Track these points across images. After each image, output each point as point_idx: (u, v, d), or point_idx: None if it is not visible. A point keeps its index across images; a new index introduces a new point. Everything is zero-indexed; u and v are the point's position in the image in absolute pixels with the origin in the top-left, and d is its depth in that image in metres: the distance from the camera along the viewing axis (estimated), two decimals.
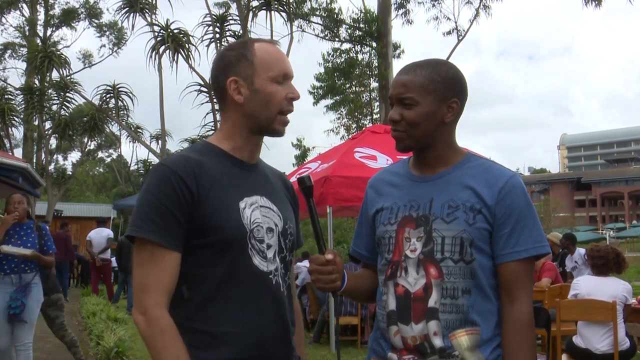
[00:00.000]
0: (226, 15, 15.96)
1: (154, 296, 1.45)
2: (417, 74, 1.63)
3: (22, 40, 27.72)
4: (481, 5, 17.80)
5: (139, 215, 1.48)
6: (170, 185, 1.48)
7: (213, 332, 1.48)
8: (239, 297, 1.51)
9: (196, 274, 1.50)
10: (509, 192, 1.59)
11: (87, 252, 13.87)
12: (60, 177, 22.87)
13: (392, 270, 1.64)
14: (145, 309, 1.44)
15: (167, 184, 1.48)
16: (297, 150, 22.37)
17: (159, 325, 1.43)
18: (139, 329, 1.46)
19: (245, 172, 1.63)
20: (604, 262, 4.85)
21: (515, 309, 1.58)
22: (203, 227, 1.49)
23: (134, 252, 1.51)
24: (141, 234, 1.47)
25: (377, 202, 1.75)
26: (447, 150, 1.68)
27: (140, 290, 1.46)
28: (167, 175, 1.49)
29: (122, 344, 5.96)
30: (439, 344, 1.55)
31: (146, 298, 1.45)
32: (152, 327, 1.43)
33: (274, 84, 1.59)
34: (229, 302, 1.50)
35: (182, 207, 1.47)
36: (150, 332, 1.43)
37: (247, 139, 1.63)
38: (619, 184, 77.75)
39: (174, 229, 1.47)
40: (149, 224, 1.46)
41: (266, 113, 1.59)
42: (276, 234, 1.61)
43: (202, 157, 1.57)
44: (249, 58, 1.60)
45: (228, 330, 1.49)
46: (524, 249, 1.58)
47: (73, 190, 39.50)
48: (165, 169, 1.51)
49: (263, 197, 1.62)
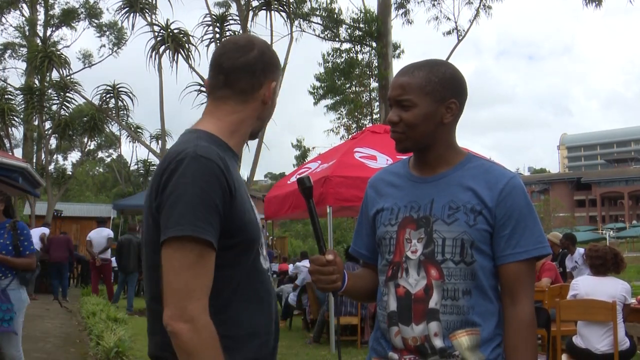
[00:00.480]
0: (226, 15, 15.96)
1: (202, 301, 1.33)
2: (415, 75, 1.63)
3: (22, 40, 27.74)
4: (481, 5, 17.83)
5: (188, 211, 1.33)
6: (217, 181, 1.37)
7: (234, 335, 1.43)
8: (256, 297, 1.49)
9: (219, 276, 1.39)
10: (510, 194, 1.59)
11: (87, 252, 13.86)
12: (60, 177, 22.88)
13: (393, 271, 1.64)
14: (192, 316, 1.30)
15: (214, 179, 1.36)
16: (297, 151, 22.39)
17: (209, 333, 1.32)
18: (182, 339, 1.30)
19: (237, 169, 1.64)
20: (602, 262, 4.86)
21: (517, 310, 1.58)
22: (231, 226, 1.40)
23: (172, 252, 1.34)
24: (196, 232, 1.32)
25: (377, 203, 1.75)
26: (447, 151, 1.68)
27: (185, 295, 1.32)
28: (213, 169, 1.37)
29: (122, 344, 5.95)
30: (440, 345, 1.56)
31: (193, 304, 1.31)
32: (203, 336, 1.31)
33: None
34: (247, 303, 1.46)
35: (224, 204, 1.38)
36: (200, 342, 1.30)
37: (245, 137, 1.62)
38: (619, 184, 77.77)
39: (219, 228, 1.37)
40: (202, 222, 1.33)
41: (267, 122, 1.63)
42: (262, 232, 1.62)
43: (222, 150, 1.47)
44: (280, 66, 1.63)
45: (249, 331, 1.46)
46: (525, 250, 1.58)
47: (73, 190, 39.50)
48: (209, 163, 1.37)
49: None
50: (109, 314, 8.12)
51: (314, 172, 7.97)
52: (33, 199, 19.37)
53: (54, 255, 12.69)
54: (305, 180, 1.63)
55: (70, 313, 10.53)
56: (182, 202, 1.34)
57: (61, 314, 10.43)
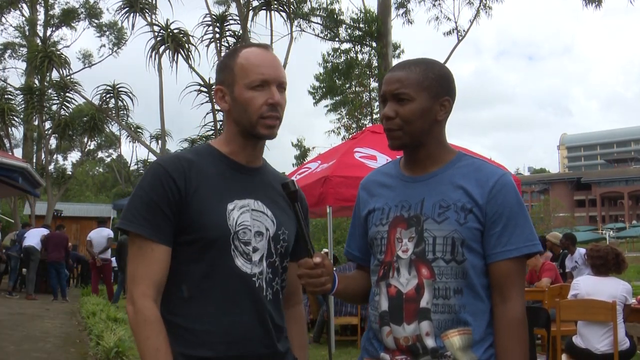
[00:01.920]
0: (226, 15, 15.97)
1: (140, 287, 1.50)
2: (412, 70, 1.64)
3: (22, 40, 27.76)
4: (481, 5, 17.82)
5: (130, 210, 1.55)
6: (160, 183, 1.54)
7: (192, 329, 1.53)
8: (219, 296, 1.54)
9: (181, 270, 1.55)
10: (500, 191, 1.59)
11: (87, 252, 13.87)
12: (60, 177, 22.87)
13: (385, 271, 1.64)
14: (133, 299, 1.50)
15: (157, 181, 1.54)
16: (297, 151, 22.39)
17: (143, 315, 1.48)
18: (129, 318, 1.51)
19: (242, 175, 1.65)
20: (604, 262, 4.85)
21: (507, 308, 1.57)
22: (189, 225, 1.54)
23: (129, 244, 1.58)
24: (130, 227, 1.53)
25: (369, 203, 1.75)
26: (438, 149, 1.68)
27: (130, 281, 1.52)
28: (158, 172, 1.56)
29: (122, 344, 5.95)
30: (431, 345, 1.55)
31: (134, 289, 1.50)
32: (138, 317, 1.48)
33: (250, 90, 1.60)
34: (209, 300, 1.53)
35: (170, 203, 1.53)
36: (136, 322, 1.48)
37: (243, 144, 1.66)
38: (619, 184, 77.81)
39: (162, 224, 1.53)
40: (138, 219, 1.52)
41: (247, 119, 1.61)
42: (266, 239, 1.61)
43: (198, 157, 1.62)
44: (230, 66, 1.65)
45: (206, 328, 1.52)
46: (516, 248, 1.58)
47: (73, 190, 39.50)
48: (157, 167, 1.58)
49: (258, 201, 1.63)
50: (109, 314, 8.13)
51: (314, 172, 7.96)
52: (33, 199, 19.39)
53: (51, 255, 12.70)
54: (290, 185, 1.63)
55: (70, 313, 10.52)
56: (128, 201, 1.57)
57: (61, 314, 10.43)
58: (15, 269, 13.50)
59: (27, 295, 12.60)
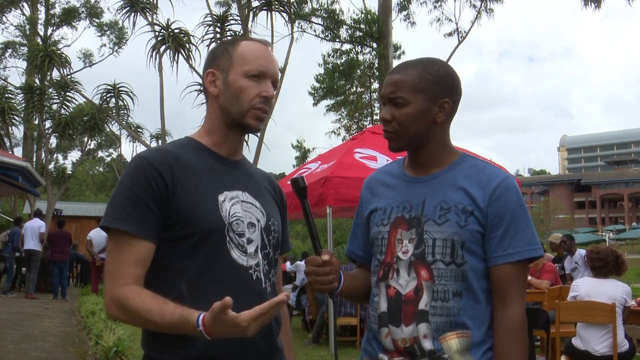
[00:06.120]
0: (227, 15, 15.94)
1: (121, 281, 1.43)
2: (408, 72, 1.62)
3: (22, 39, 27.73)
4: (482, 6, 17.83)
5: (112, 205, 1.49)
6: (144, 176, 1.47)
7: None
8: (217, 290, 1.42)
9: (174, 267, 1.48)
10: (502, 194, 1.57)
11: (87, 251, 13.85)
12: (60, 176, 22.82)
13: (384, 272, 1.63)
14: (113, 296, 1.43)
15: (140, 174, 1.48)
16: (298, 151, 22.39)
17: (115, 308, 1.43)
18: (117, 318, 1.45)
19: (226, 167, 1.62)
20: (603, 264, 4.85)
21: (507, 312, 1.55)
22: (179, 219, 1.48)
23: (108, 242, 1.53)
24: (111, 223, 1.46)
25: (371, 203, 1.74)
26: (440, 151, 1.66)
27: (108, 279, 1.46)
28: (142, 166, 1.49)
29: (121, 343, 5.96)
30: (429, 347, 1.54)
31: (113, 287, 1.44)
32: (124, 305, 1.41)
33: (247, 79, 1.57)
34: (206, 296, 1.43)
35: (155, 197, 1.47)
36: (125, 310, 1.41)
37: (226, 135, 1.62)
38: (619, 186, 77.80)
39: (146, 218, 1.46)
40: (120, 214, 1.46)
41: (237, 107, 1.58)
42: (258, 230, 1.59)
43: (182, 150, 1.57)
44: (229, 52, 1.61)
45: None
46: (517, 252, 1.56)
47: (73, 190, 39.47)
48: (141, 160, 1.51)
49: (245, 192, 1.61)
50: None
51: (314, 172, 7.96)
52: (33, 198, 19.37)
53: (55, 255, 12.66)
54: (300, 181, 1.62)
55: (70, 312, 10.52)
56: (110, 197, 1.52)
57: (60, 313, 10.43)
58: (11, 270, 13.38)
59: (27, 293, 12.59)
